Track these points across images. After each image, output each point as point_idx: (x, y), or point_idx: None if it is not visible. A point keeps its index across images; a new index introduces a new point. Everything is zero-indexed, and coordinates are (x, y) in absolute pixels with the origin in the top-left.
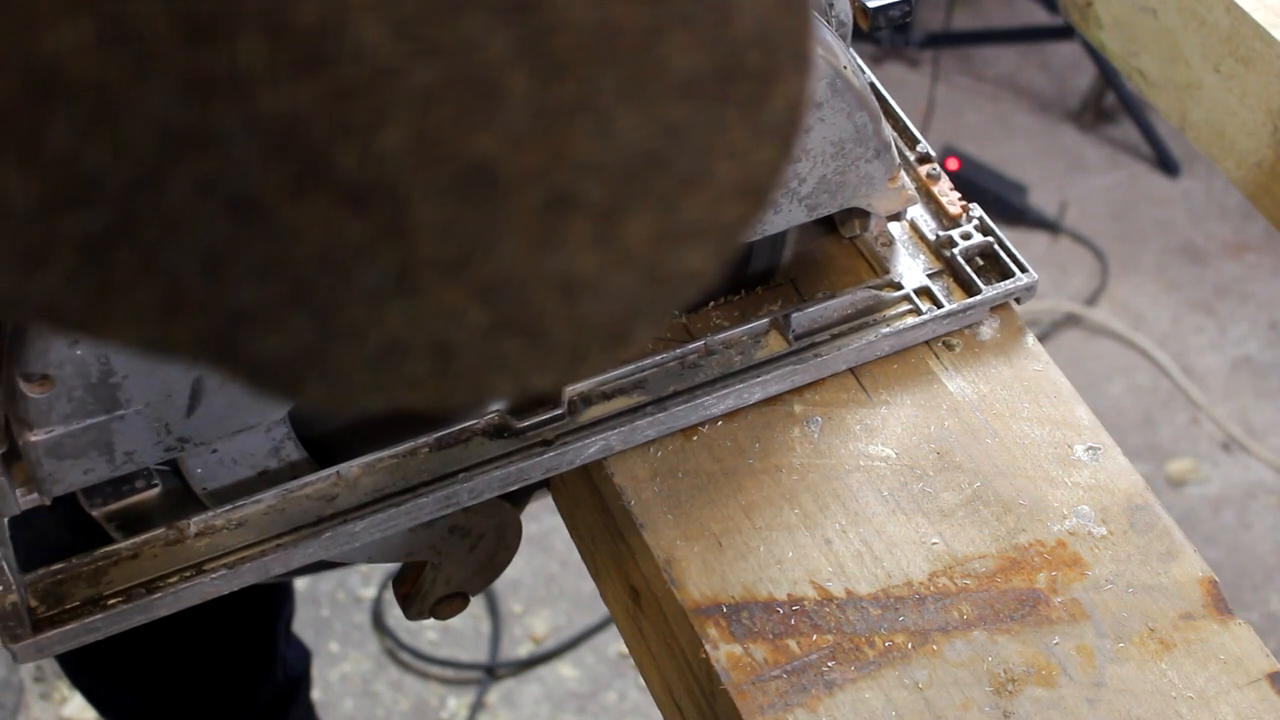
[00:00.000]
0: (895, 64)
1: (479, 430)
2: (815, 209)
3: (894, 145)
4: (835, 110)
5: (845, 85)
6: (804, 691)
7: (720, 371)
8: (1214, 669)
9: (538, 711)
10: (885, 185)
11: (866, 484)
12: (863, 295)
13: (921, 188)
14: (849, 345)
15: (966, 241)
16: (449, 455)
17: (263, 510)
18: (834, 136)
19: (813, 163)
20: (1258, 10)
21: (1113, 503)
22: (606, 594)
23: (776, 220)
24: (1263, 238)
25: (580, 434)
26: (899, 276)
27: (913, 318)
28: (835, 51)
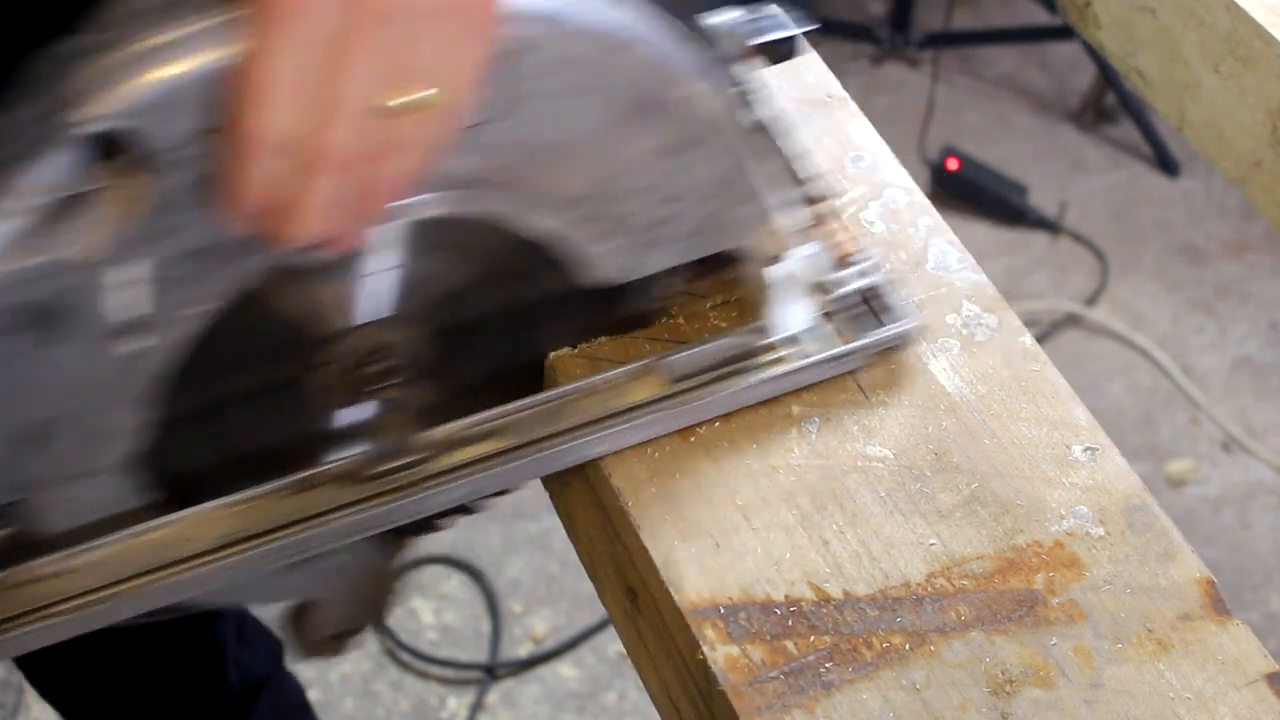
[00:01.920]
0: (895, 64)
1: (334, 475)
2: (693, 249)
3: (774, 185)
4: (714, 150)
5: (725, 125)
6: (801, 693)
7: (592, 415)
8: (1212, 670)
9: (538, 711)
10: (763, 226)
11: (864, 485)
12: (736, 340)
13: (811, 227)
14: (723, 391)
15: (850, 285)
16: (303, 500)
17: (112, 552)
18: (711, 177)
19: (688, 204)
20: (1257, 10)
21: (1110, 503)
22: (604, 595)
23: (650, 262)
24: (1263, 238)
25: (437, 480)
26: (779, 320)
27: (786, 364)
28: (714, 91)
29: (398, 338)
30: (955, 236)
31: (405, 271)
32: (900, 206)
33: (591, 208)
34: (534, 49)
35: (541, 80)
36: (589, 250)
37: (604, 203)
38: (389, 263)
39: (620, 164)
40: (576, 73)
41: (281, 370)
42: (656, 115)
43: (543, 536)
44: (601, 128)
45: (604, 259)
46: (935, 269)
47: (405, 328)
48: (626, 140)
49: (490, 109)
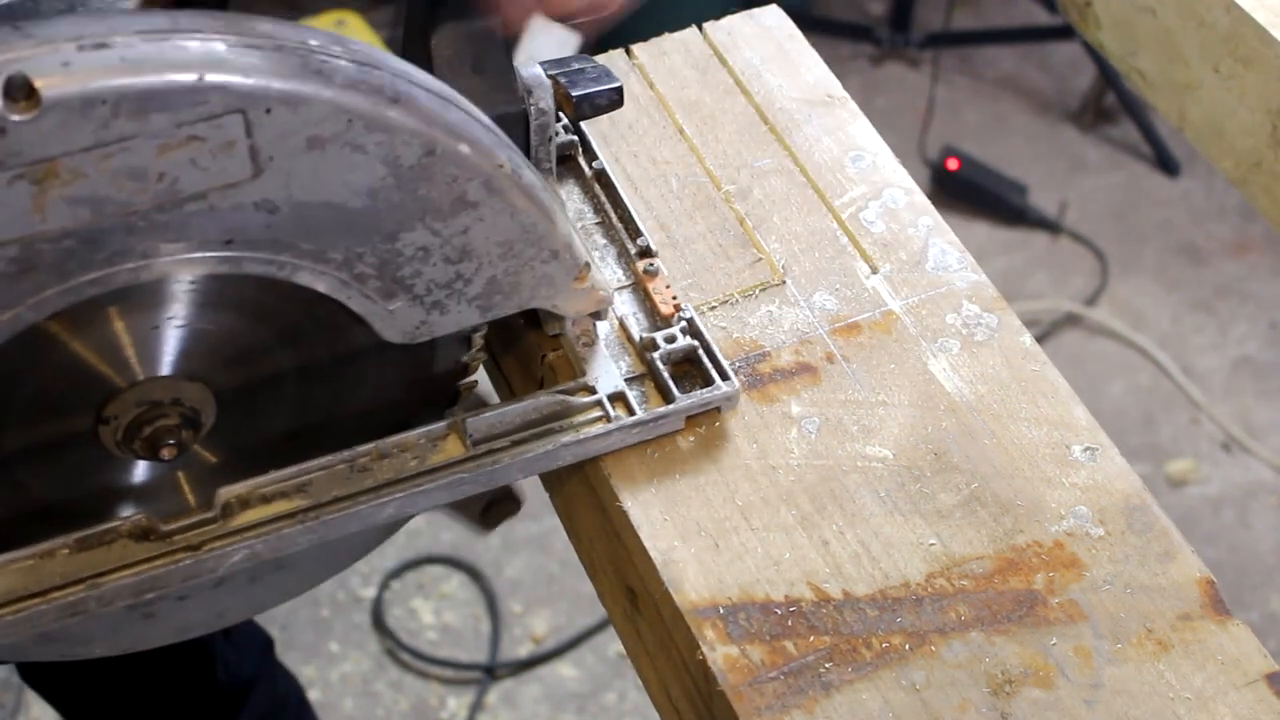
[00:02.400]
0: (895, 64)
1: (123, 532)
2: (489, 310)
3: (577, 244)
4: (495, 210)
5: (505, 185)
6: (801, 693)
7: (391, 476)
8: (1212, 670)
9: (538, 711)
10: (570, 286)
11: (864, 485)
12: (547, 400)
13: (638, 283)
14: (530, 453)
15: (670, 345)
16: (88, 558)
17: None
18: (498, 237)
19: (477, 263)
20: (1257, 10)
21: (1110, 503)
22: (604, 595)
23: (445, 321)
24: (1263, 238)
25: (228, 540)
26: (595, 380)
27: (601, 426)
28: (489, 149)
29: (188, 394)
30: (955, 236)
31: (191, 328)
32: (900, 206)
33: (365, 269)
34: (294, 107)
35: (292, 141)
36: (371, 311)
37: (377, 264)
38: (175, 319)
39: (390, 226)
40: (332, 133)
41: (69, 424)
42: (424, 176)
43: (543, 537)
44: (363, 190)
45: (389, 320)
46: (935, 269)
47: (195, 383)
48: (393, 202)
49: (245, 169)
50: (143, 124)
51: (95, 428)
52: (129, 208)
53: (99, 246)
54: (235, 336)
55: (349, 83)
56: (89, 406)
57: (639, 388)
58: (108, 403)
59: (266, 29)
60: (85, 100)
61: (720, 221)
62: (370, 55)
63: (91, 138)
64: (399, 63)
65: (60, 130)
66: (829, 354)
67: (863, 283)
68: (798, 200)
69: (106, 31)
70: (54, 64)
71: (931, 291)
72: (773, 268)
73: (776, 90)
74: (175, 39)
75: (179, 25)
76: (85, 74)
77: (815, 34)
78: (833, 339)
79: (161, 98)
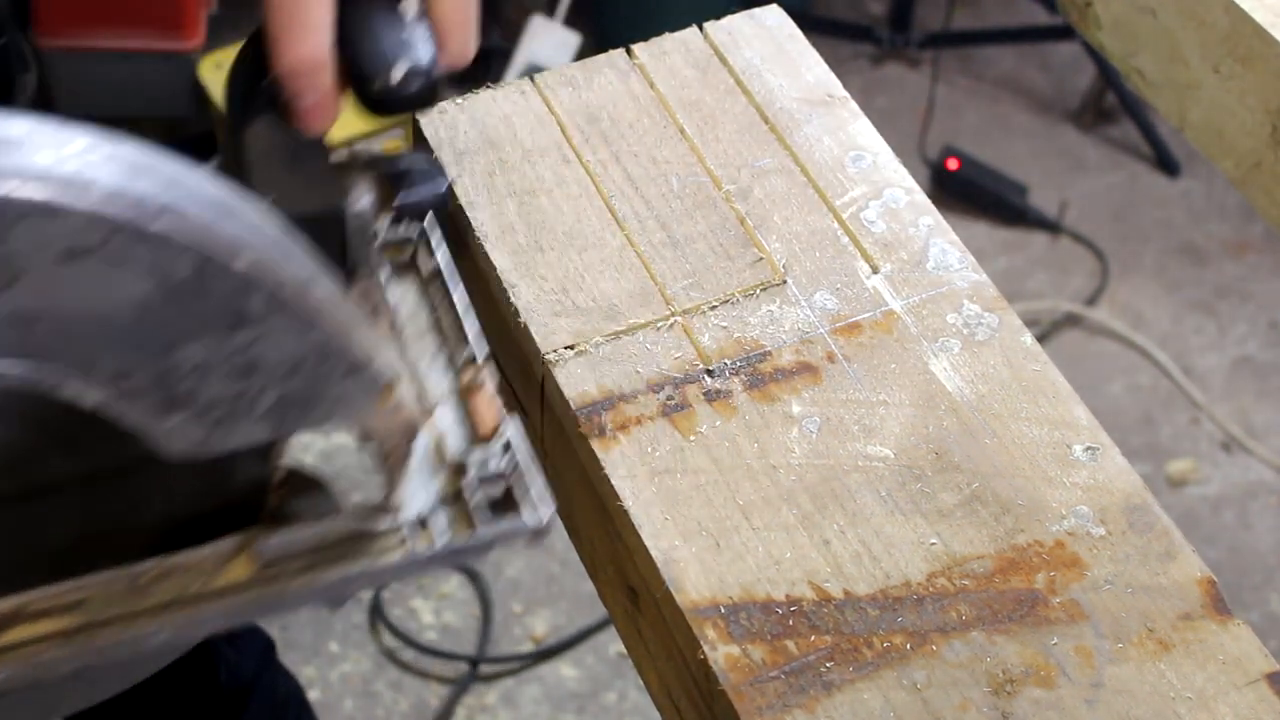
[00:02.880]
0: (895, 64)
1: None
2: (282, 427)
3: (380, 362)
4: (279, 328)
5: (290, 300)
6: (802, 692)
7: (171, 596)
8: (1213, 669)
9: (538, 711)
10: (372, 405)
11: (865, 484)
12: (345, 524)
13: (462, 395)
14: (320, 581)
15: (485, 468)
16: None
17: None
18: (284, 354)
19: (264, 380)
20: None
21: (1111, 503)
22: (605, 594)
23: (232, 438)
24: (1263, 238)
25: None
26: (403, 501)
27: (399, 554)
28: (273, 263)
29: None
30: (956, 236)
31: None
32: (901, 206)
33: (139, 383)
34: (49, 218)
35: (46, 252)
36: (148, 425)
37: (150, 379)
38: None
39: (163, 340)
40: (90, 244)
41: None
42: (198, 291)
43: None
44: (130, 303)
45: (169, 434)
46: (936, 269)
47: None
48: (165, 317)
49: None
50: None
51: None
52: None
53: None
54: (5, 444)
55: (110, 192)
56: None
57: (451, 510)
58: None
59: (21, 131)
60: None
61: (721, 221)
62: (140, 162)
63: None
64: (175, 168)
65: None
66: (830, 353)
67: (863, 282)
68: (798, 200)
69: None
70: None
71: (932, 291)
72: (773, 267)
73: (777, 90)
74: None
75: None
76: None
77: (815, 34)
78: (833, 338)
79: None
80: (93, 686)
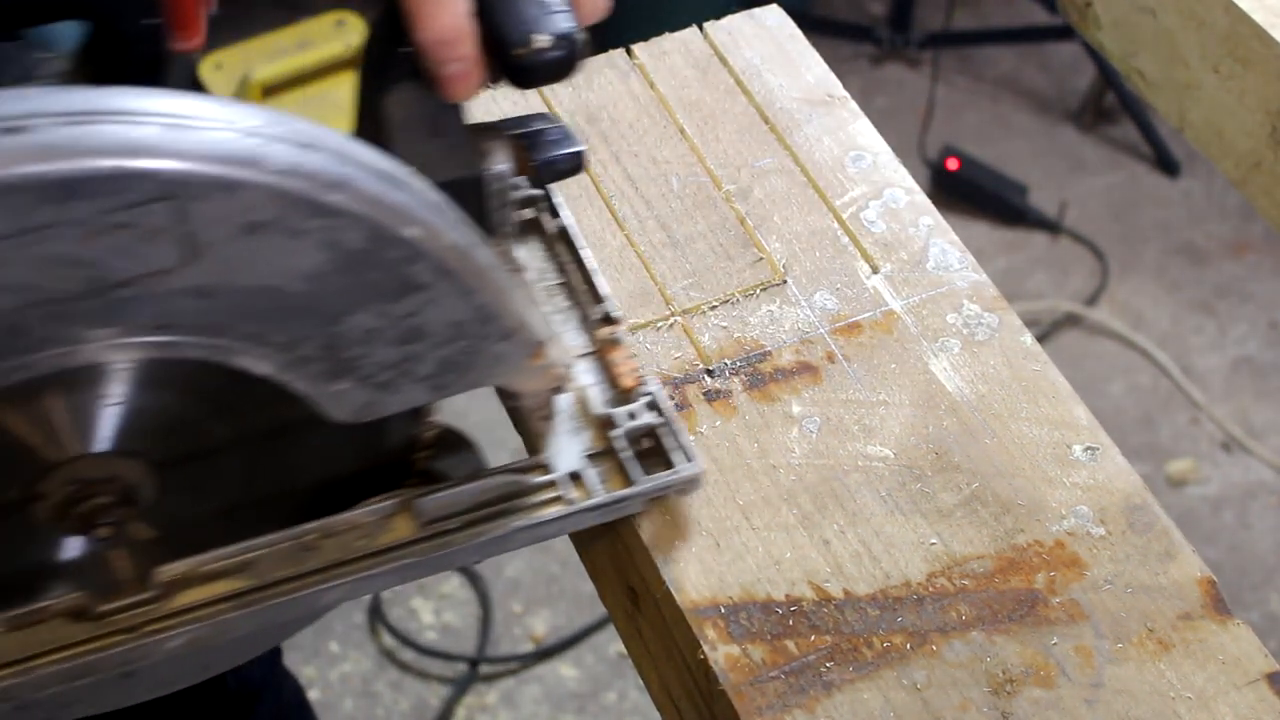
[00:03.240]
0: (895, 64)
1: (57, 612)
2: (441, 389)
3: (533, 321)
4: (445, 292)
5: (456, 266)
6: (802, 692)
7: (337, 556)
8: (1213, 669)
9: (538, 711)
10: (525, 364)
11: (865, 484)
12: (501, 480)
13: (599, 353)
14: (483, 535)
15: (632, 422)
16: (21, 639)
17: None
18: (448, 319)
19: (428, 344)
20: (1257, 11)
21: (1111, 503)
22: (605, 595)
23: (394, 401)
24: (1263, 238)
25: (166, 622)
26: (553, 458)
27: (556, 508)
28: (439, 230)
29: (124, 471)
30: (956, 236)
31: (129, 405)
32: (901, 206)
33: (308, 351)
34: (229, 193)
35: (226, 226)
36: (316, 391)
37: (320, 347)
38: (111, 396)
39: (334, 309)
40: (268, 219)
41: (1, 497)
42: (369, 260)
43: None
44: (304, 274)
45: (335, 400)
46: (936, 269)
47: (131, 461)
48: (337, 287)
49: (175, 256)
50: (64, 212)
51: (28, 504)
52: (54, 295)
53: (23, 333)
54: (175, 413)
55: (286, 167)
56: (21, 482)
57: (599, 466)
58: (40, 479)
59: (197, 109)
60: (3, 188)
61: (721, 221)
62: (310, 135)
63: (11, 226)
64: (342, 141)
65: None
66: (830, 353)
67: (863, 282)
68: (798, 200)
69: (24, 114)
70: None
71: (932, 291)
72: (773, 267)
73: (777, 90)
74: (99, 123)
75: (101, 107)
76: (2, 161)
77: (815, 34)
78: (833, 338)
79: (82, 186)
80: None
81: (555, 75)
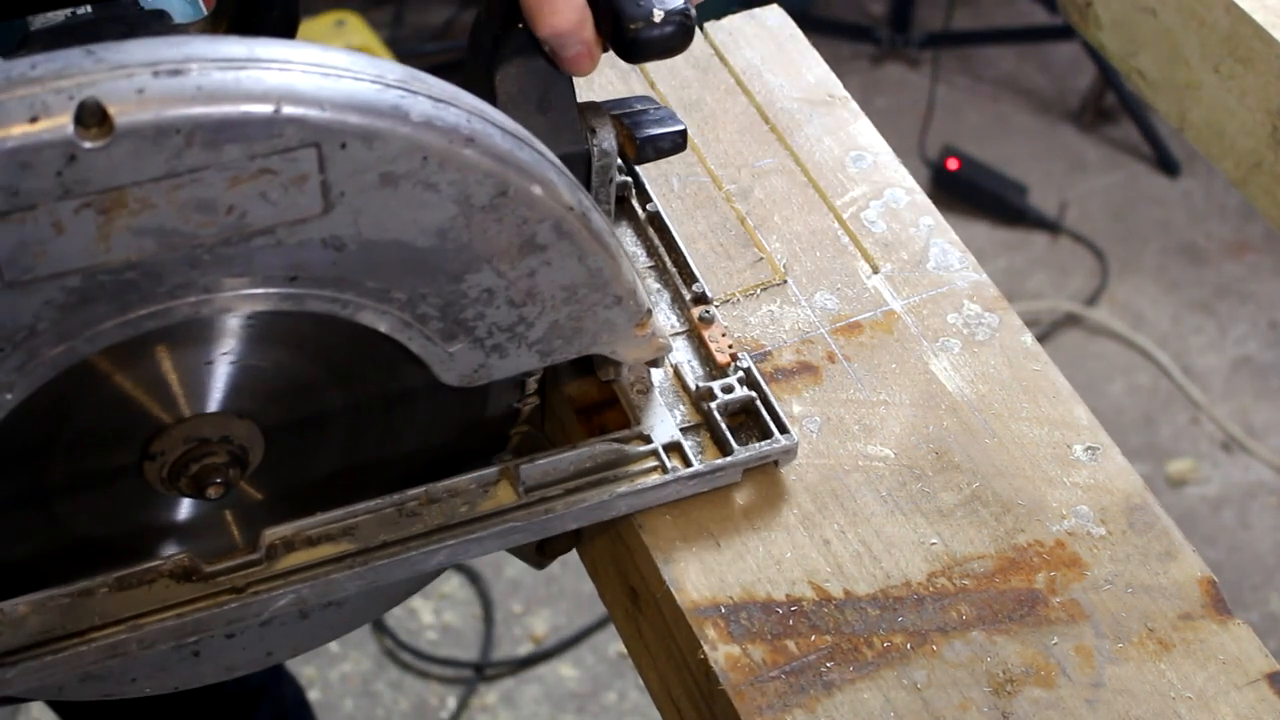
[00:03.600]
0: (895, 64)
1: (165, 571)
2: (549, 355)
3: (640, 290)
4: (563, 254)
5: (575, 227)
6: (802, 692)
7: (440, 521)
8: (1213, 669)
9: (538, 711)
10: (631, 332)
11: (865, 484)
12: (602, 449)
13: (692, 330)
14: (583, 502)
15: (727, 395)
16: (129, 598)
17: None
18: (563, 281)
19: (541, 307)
20: (1257, 10)
21: (1111, 503)
22: (605, 595)
23: (504, 365)
24: (1263, 238)
25: (272, 583)
26: (651, 428)
27: (656, 476)
28: (562, 191)
29: (236, 431)
30: (956, 236)
31: (244, 364)
32: (901, 206)
33: (428, 310)
34: (369, 143)
35: (365, 177)
36: (431, 353)
37: (440, 305)
38: (227, 354)
39: (456, 266)
40: (406, 170)
41: (114, 459)
42: (493, 218)
43: None
44: (433, 229)
45: (448, 362)
46: (936, 269)
47: (243, 421)
48: (461, 242)
49: (315, 204)
50: (215, 155)
51: (140, 464)
52: (195, 240)
53: (161, 279)
54: (287, 373)
55: (425, 120)
56: (135, 442)
57: (694, 438)
58: (154, 439)
59: (344, 61)
60: (159, 129)
61: (721, 221)
62: (446, 92)
63: (162, 168)
64: (474, 100)
65: (131, 159)
66: (830, 353)
67: (864, 282)
68: (799, 200)
69: (182, 58)
70: (128, 90)
71: (933, 291)
72: (774, 267)
73: (777, 90)
74: (252, 69)
75: (256, 54)
76: (160, 102)
77: (815, 34)
78: (834, 338)
79: (236, 129)
80: (382, 597)
81: (669, 50)
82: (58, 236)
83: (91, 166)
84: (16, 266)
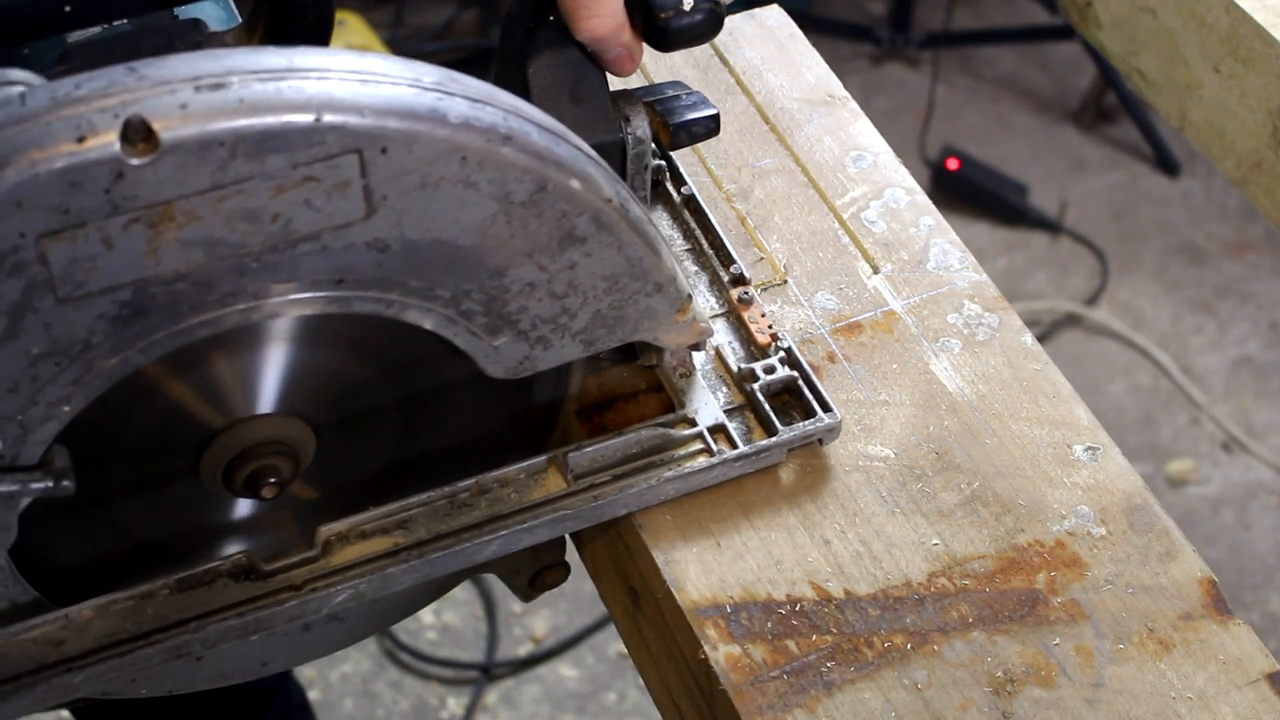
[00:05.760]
0: (895, 64)
1: (224, 571)
2: (592, 344)
3: (680, 276)
4: (602, 245)
5: (613, 219)
6: (803, 692)
7: (491, 512)
8: (1213, 669)
9: (538, 711)
10: (673, 318)
11: (865, 484)
12: (649, 434)
13: (731, 311)
14: (632, 488)
15: (769, 376)
16: (189, 599)
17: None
18: (604, 271)
19: (583, 298)
20: (1257, 10)
21: (1112, 503)
22: (605, 595)
23: (548, 356)
24: (1263, 238)
25: (330, 579)
26: (695, 412)
27: (703, 459)
28: (599, 184)
29: (289, 431)
30: (956, 236)
31: (294, 365)
32: (901, 206)
33: (471, 305)
34: (409, 146)
35: (406, 179)
36: (476, 347)
37: (483, 300)
38: (278, 357)
39: (498, 262)
40: (446, 171)
41: (170, 463)
42: (533, 213)
43: None
44: (474, 226)
45: (493, 355)
46: (936, 268)
47: (295, 420)
48: (502, 238)
49: (359, 209)
50: (259, 165)
51: (195, 466)
52: (242, 249)
53: (210, 288)
54: (337, 373)
55: (463, 121)
56: (190, 446)
57: (738, 419)
58: (209, 442)
59: (381, 66)
60: (203, 142)
61: (721, 221)
62: (483, 91)
63: (208, 180)
64: (510, 98)
65: (177, 173)
66: (830, 353)
67: (864, 282)
68: (799, 200)
69: (223, 71)
70: (171, 106)
71: (933, 291)
72: (774, 267)
73: (777, 90)
74: (292, 79)
75: (295, 64)
76: (203, 116)
77: (815, 34)
78: (834, 338)
79: (279, 139)
80: (380, 616)
81: (699, 37)
82: (108, 252)
83: (139, 182)
84: (69, 282)
